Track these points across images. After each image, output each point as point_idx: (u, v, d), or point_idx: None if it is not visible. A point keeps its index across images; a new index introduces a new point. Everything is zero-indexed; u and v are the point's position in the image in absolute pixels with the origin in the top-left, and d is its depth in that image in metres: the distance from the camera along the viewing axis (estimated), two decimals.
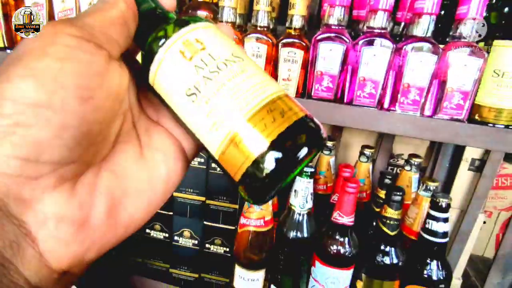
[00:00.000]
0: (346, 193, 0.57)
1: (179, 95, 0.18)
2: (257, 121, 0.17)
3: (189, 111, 0.18)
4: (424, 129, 0.47)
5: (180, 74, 0.18)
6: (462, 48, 0.45)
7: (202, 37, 0.19)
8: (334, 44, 0.48)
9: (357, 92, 0.49)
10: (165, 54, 0.18)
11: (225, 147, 0.18)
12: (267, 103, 0.18)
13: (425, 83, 0.47)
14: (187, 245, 0.66)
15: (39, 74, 0.14)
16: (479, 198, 0.75)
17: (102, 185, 0.18)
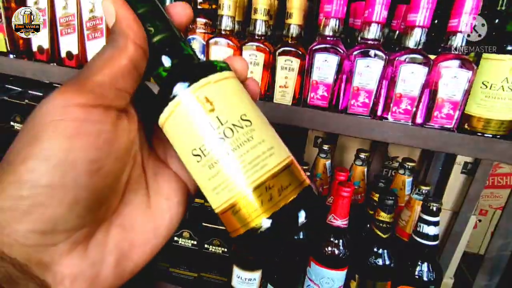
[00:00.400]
0: (341, 197, 0.59)
1: (186, 151, 0.19)
2: (255, 197, 0.18)
3: (193, 167, 0.19)
4: (415, 138, 0.49)
5: (188, 132, 0.19)
6: (453, 60, 0.47)
7: (212, 96, 0.19)
8: (329, 55, 0.49)
9: (351, 101, 0.51)
10: (176, 108, 0.19)
11: (224, 210, 0.19)
12: (267, 178, 0.18)
13: (416, 93, 0.48)
14: (186, 245, 0.68)
15: (51, 157, 0.15)
16: (471, 200, 0.77)
17: (111, 241, 0.19)
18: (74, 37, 0.65)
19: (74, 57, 0.66)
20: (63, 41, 0.67)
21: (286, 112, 0.53)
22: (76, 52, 0.66)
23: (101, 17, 0.62)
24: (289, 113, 0.53)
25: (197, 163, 0.19)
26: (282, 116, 0.53)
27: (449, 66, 0.47)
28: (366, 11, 0.48)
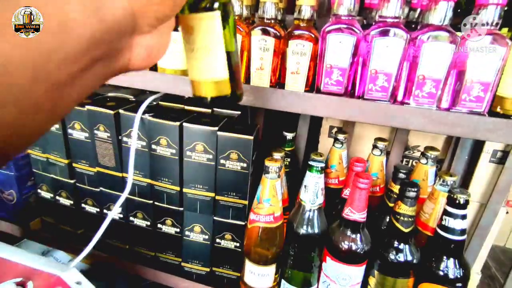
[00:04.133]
0: (358, 189, 0.56)
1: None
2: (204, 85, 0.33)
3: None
4: (440, 124, 0.45)
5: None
6: (483, 36, 0.42)
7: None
8: (344, 35, 0.46)
9: (368, 86, 0.47)
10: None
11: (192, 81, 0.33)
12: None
13: (441, 75, 0.44)
14: (198, 240, 0.67)
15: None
16: (500, 192, 0.71)
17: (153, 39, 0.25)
18: None
19: None
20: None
21: (298, 100, 0.50)
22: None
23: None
24: (301, 100, 0.49)
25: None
26: (294, 103, 0.50)
27: (479, 42, 0.42)
28: None
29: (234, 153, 0.59)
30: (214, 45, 0.32)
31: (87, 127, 0.66)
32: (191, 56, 0.32)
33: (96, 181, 0.71)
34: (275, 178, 0.59)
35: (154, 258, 0.73)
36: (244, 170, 0.60)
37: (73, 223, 0.78)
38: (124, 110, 0.63)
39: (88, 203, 0.74)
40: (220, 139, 0.58)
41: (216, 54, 0.32)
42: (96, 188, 0.72)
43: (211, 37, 0.31)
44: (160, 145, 0.61)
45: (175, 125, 0.59)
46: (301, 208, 0.62)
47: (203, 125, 0.58)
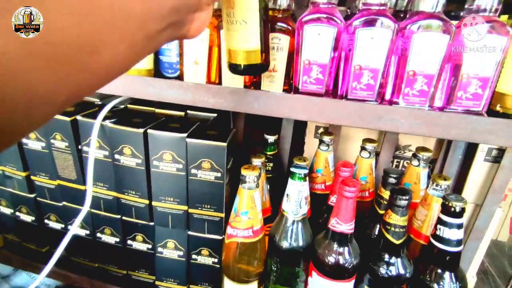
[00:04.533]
0: (344, 198, 0.50)
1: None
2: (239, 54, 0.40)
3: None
4: (433, 125, 0.39)
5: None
6: (481, 24, 0.36)
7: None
8: (323, 26, 0.40)
9: (352, 84, 0.41)
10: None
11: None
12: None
13: (434, 70, 0.38)
14: (172, 256, 0.61)
15: None
16: (496, 192, 0.67)
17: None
18: None
19: None
20: None
21: (273, 102, 0.43)
22: None
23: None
24: (277, 102, 0.43)
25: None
26: (269, 106, 0.44)
27: (477, 32, 0.36)
28: None
29: (206, 161, 0.52)
30: (252, 19, 0.37)
31: (42, 136, 0.59)
32: (231, 28, 0.38)
33: (58, 195, 0.64)
34: (253, 188, 0.53)
35: (126, 277, 0.66)
36: (218, 180, 0.54)
37: (37, 240, 0.71)
38: (83, 116, 0.56)
39: (51, 219, 0.67)
40: (190, 147, 0.52)
41: (253, 27, 0.38)
42: (58, 203, 0.65)
43: (250, 12, 0.37)
44: (124, 155, 0.55)
45: (139, 132, 0.52)
46: (283, 219, 0.56)
47: (170, 132, 0.52)
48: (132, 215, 0.60)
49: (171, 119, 0.59)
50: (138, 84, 0.48)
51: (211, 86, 0.45)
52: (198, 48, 0.49)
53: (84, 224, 0.64)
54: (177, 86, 0.46)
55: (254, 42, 0.39)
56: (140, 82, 0.48)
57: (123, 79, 0.48)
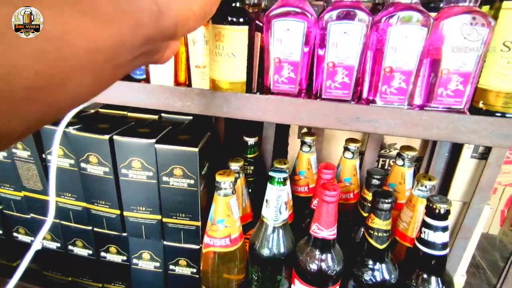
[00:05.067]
0: (324, 203, 0.48)
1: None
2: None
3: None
4: (413, 125, 0.36)
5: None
6: (461, 15, 0.34)
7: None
8: (292, 21, 0.37)
9: (326, 82, 0.39)
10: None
11: None
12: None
13: (412, 65, 0.36)
14: (148, 268, 0.58)
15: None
16: (484, 189, 0.65)
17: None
18: None
19: None
20: None
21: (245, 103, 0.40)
22: None
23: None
24: (249, 103, 0.40)
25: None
26: (239, 108, 0.41)
27: (457, 23, 0.34)
28: None
29: (178, 168, 0.49)
30: (240, 53, 0.39)
31: None
32: (217, 59, 0.39)
33: (24, 207, 0.60)
34: (229, 195, 0.50)
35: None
36: (191, 187, 0.50)
37: (6, 255, 0.67)
38: None
39: (20, 232, 0.63)
40: (160, 153, 0.48)
41: (240, 61, 0.39)
42: (26, 215, 0.61)
43: (239, 47, 0.38)
44: (90, 163, 0.51)
45: (104, 139, 0.49)
46: (263, 226, 0.54)
47: (138, 137, 0.49)
48: (104, 226, 0.56)
49: (141, 124, 0.56)
50: None
51: (177, 88, 0.42)
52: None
53: (54, 237, 0.61)
54: (139, 89, 0.43)
55: (242, 74, 0.40)
56: None
57: None
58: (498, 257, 1.01)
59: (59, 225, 0.59)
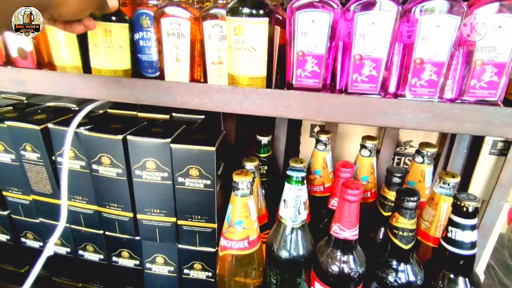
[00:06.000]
0: (347, 202, 0.46)
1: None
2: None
3: None
4: (444, 119, 0.35)
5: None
6: (495, 2, 0.32)
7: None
8: (317, 12, 0.35)
9: (352, 76, 0.37)
10: None
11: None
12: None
13: (444, 57, 0.34)
14: (162, 272, 0.56)
15: None
16: (503, 186, 0.63)
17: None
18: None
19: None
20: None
21: (266, 99, 0.39)
22: None
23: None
24: (270, 99, 0.39)
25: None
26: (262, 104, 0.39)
27: (490, 11, 0.32)
28: None
29: (194, 168, 0.47)
30: (261, 47, 0.37)
31: (11, 147, 0.53)
32: (236, 54, 0.38)
33: (33, 211, 0.58)
34: (246, 195, 0.48)
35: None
36: (208, 188, 0.49)
37: (14, 260, 0.66)
38: (55, 124, 0.50)
39: (28, 237, 0.62)
40: (175, 153, 0.47)
41: (260, 55, 0.38)
42: (34, 219, 0.59)
43: (260, 40, 0.37)
44: (103, 164, 0.49)
45: (117, 139, 0.47)
46: (281, 227, 0.52)
47: (152, 137, 0.47)
48: (116, 229, 0.55)
49: (154, 123, 0.54)
50: (112, 86, 0.42)
51: (195, 85, 0.40)
52: (179, 44, 0.44)
53: (64, 241, 0.59)
54: (155, 87, 0.41)
55: (263, 68, 0.39)
56: (114, 84, 0.42)
57: (95, 80, 0.43)
58: (507, 256, 0.99)
59: (69, 229, 0.57)
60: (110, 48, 0.45)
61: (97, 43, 0.44)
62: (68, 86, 0.44)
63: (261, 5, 0.36)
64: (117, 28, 0.44)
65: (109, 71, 0.46)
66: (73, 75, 0.44)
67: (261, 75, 0.39)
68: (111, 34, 0.44)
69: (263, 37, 0.37)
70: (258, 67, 0.39)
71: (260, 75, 0.39)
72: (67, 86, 0.44)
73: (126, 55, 0.48)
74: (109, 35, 0.44)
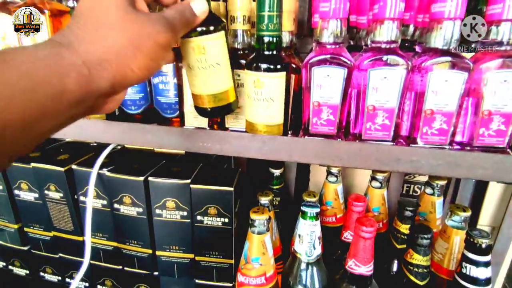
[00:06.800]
0: (362, 238, 0.47)
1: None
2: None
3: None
4: (456, 166, 0.37)
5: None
6: (500, 59, 0.34)
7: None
8: (332, 68, 0.37)
9: (366, 125, 0.39)
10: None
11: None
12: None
13: (453, 107, 0.36)
14: None
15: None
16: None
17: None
18: None
19: None
20: None
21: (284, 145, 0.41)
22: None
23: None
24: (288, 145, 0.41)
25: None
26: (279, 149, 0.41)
27: (496, 67, 0.34)
28: (375, 6, 0.36)
29: (212, 207, 0.49)
30: (278, 97, 0.39)
31: (35, 186, 0.55)
32: (255, 104, 0.40)
33: (53, 247, 0.60)
34: (263, 233, 0.50)
35: None
36: (226, 225, 0.50)
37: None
38: (78, 165, 0.52)
39: (47, 271, 0.63)
40: (195, 193, 0.49)
41: (278, 104, 0.39)
42: (54, 254, 0.61)
43: (277, 92, 0.39)
44: (124, 204, 0.51)
45: (139, 180, 0.49)
46: (296, 261, 0.53)
47: (173, 178, 0.49)
48: (135, 265, 0.56)
49: (171, 161, 0.56)
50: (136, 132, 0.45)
51: (216, 132, 0.43)
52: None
53: (83, 276, 0.60)
54: (177, 134, 0.43)
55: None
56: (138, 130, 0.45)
57: (120, 127, 0.46)
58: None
59: (88, 264, 0.58)
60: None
61: None
62: (94, 132, 0.46)
63: (279, 60, 0.39)
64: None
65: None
66: (98, 122, 0.46)
67: (279, 122, 0.41)
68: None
69: (280, 89, 0.39)
70: (276, 116, 0.41)
71: (277, 122, 0.41)
72: (93, 132, 0.46)
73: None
74: None
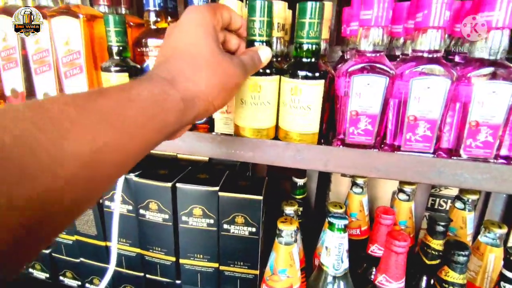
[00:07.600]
0: (394, 253, 0.46)
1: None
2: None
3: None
4: (503, 181, 0.35)
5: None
6: None
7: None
8: (373, 76, 0.37)
9: (406, 135, 0.38)
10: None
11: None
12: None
13: (500, 120, 0.35)
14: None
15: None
16: None
17: None
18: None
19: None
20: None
21: (319, 154, 0.40)
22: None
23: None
24: (324, 155, 0.40)
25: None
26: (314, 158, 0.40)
27: None
28: (419, 15, 0.35)
29: (240, 216, 0.48)
30: (316, 106, 0.40)
31: None
32: (291, 112, 0.40)
33: (75, 251, 0.59)
34: (291, 244, 0.49)
35: None
36: (253, 235, 0.49)
37: None
38: None
39: (67, 276, 0.62)
40: (222, 201, 0.48)
41: (314, 112, 0.40)
42: (75, 259, 0.60)
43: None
44: (150, 210, 0.51)
45: (167, 186, 0.49)
46: (322, 274, 0.51)
47: (201, 185, 0.48)
48: (157, 273, 0.55)
49: (196, 167, 0.56)
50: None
51: (249, 140, 0.42)
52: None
53: None
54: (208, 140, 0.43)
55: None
56: None
57: None
58: None
59: None
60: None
61: None
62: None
63: (317, 68, 0.38)
64: None
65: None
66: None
67: (314, 131, 0.41)
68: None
69: (318, 97, 0.39)
70: (312, 125, 0.40)
71: (313, 131, 0.41)
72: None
73: None
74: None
